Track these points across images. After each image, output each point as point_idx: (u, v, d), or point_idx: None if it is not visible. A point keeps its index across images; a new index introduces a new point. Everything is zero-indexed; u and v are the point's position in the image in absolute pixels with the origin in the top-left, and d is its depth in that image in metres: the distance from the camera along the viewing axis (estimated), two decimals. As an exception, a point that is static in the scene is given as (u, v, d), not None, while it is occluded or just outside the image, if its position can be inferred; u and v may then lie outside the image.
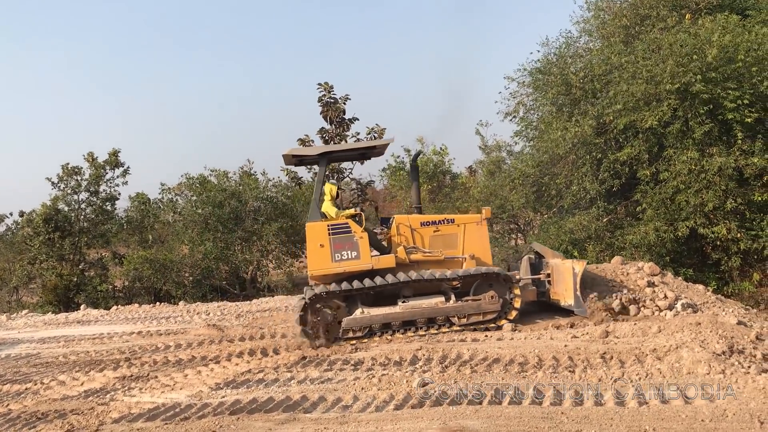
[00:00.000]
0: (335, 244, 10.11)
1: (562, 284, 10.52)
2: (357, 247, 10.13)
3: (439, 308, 10.07)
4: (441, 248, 10.56)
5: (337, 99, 22.43)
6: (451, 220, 10.81)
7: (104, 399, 7.69)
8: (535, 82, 18.26)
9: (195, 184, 21.39)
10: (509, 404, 6.08)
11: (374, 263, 10.17)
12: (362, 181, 23.61)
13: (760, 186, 14.96)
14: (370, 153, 11.92)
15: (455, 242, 10.66)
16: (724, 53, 14.55)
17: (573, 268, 10.27)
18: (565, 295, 10.42)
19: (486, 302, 10.09)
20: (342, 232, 10.17)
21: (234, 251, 20.56)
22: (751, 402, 5.66)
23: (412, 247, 10.50)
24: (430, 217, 11.07)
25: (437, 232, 10.64)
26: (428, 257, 10.49)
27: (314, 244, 10.18)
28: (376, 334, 10.02)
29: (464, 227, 10.72)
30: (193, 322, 13.84)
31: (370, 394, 6.70)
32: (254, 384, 7.66)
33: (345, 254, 10.09)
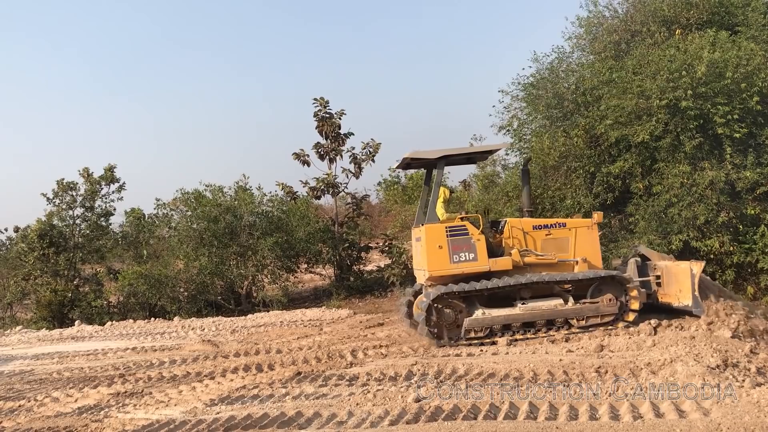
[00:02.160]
0: (453, 245, 10.42)
1: (675, 285, 10.72)
2: (474, 249, 10.44)
3: (559, 310, 10.34)
4: (553, 251, 10.87)
5: (333, 114, 22.53)
6: (562, 224, 11.14)
7: (98, 416, 7.67)
8: (528, 96, 18.38)
9: (190, 199, 21.38)
10: (504, 419, 6.09)
11: (491, 265, 10.42)
12: (357, 195, 23.67)
13: (752, 199, 15.06)
14: (478, 157, 12.48)
15: (566, 246, 10.98)
16: (713, 69, 14.69)
17: (691, 270, 10.45)
18: (679, 296, 10.61)
19: (604, 305, 10.36)
20: (460, 234, 10.48)
21: (229, 266, 20.52)
22: (746, 416, 5.68)
23: (525, 249, 10.76)
24: (542, 220, 11.40)
25: (549, 236, 10.96)
26: (541, 260, 10.78)
27: (433, 246, 10.44)
28: (497, 334, 10.24)
29: (575, 231, 11.05)
30: (188, 338, 13.83)
31: (365, 409, 6.71)
32: (249, 400, 7.65)
33: (463, 256, 10.40)
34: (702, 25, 17.34)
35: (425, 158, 11.32)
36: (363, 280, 22.05)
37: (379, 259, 24.89)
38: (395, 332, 12.30)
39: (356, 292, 21.22)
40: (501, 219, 11.57)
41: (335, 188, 22.84)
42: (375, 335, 12.22)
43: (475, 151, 11.87)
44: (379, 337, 11.88)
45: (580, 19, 19.85)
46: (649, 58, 15.84)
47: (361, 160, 22.69)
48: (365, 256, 23.49)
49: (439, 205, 11.22)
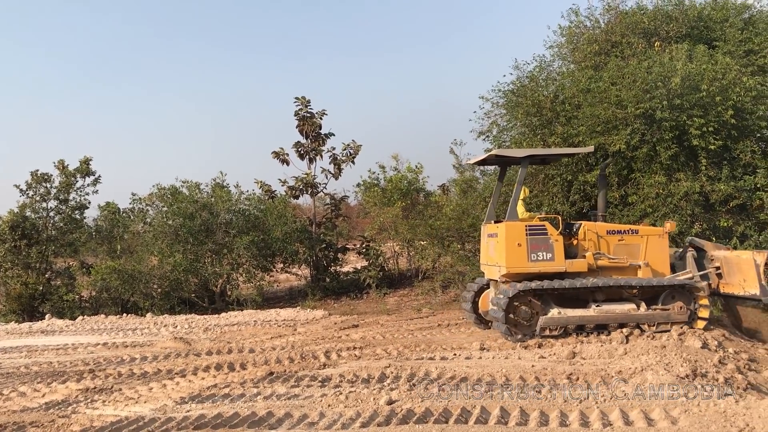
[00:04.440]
0: (532, 244, 10.62)
1: (738, 275, 11.00)
2: (552, 249, 10.66)
3: (632, 315, 10.55)
4: (625, 256, 11.08)
5: (314, 114, 22.50)
6: (635, 231, 11.39)
7: (66, 411, 7.56)
8: (508, 103, 18.49)
9: (166, 194, 21.19)
10: (475, 423, 6.10)
11: (567, 266, 10.66)
12: (336, 196, 23.64)
13: (725, 212, 15.27)
14: (553, 158, 13.06)
15: (637, 252, 11.18)
16: (688, 82, 14.89)
17: (755, 260, 10.73)
18: (744, 285, 10.89)
19: (675, 312, 10.60)
20: (539, 234, 10.69)
21: (204, 264, 20.37)
22: (712, 425, 5.75)
23: (598, 252, 10.97)
24: (616, 226, 11.66)
25: (621, 241, 11.20)
26: (614, 263, 11.01)
27: (512, 243, 10.63)
28: (571, 334, 10.44)
29: (647, 239, 11.26)
30: (160, 335, 13.70)
31: (336, 411, 6.68)
32: (220, 399, 7.59)
33: (541, 255, 10.62)
34: (681, 38, 17.59)
35: (510, 156, 11.63)
36: (339, 281, 22.01)
37: (356, 261, 24.87)
38: (369, 334, 12.30)
39: (332, 293, 21.18)
40: (575, 222, 11.77)
41: (314, 188, 22.80)
42: (349, 337, 12.20)
43: (560, 153, 12.49)
44: (353, 339, 11.87)
45: (562, 29, 20.04)
46: (625, 70, 16.03)
47: (341, 161, 22.68)
48: (342, 258, 23.46)
49: (520, 204, 11.57)
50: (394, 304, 18.67)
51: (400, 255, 23.26)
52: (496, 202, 12.58)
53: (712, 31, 18.15)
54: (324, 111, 22.60)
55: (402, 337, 11.93)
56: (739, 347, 9.99)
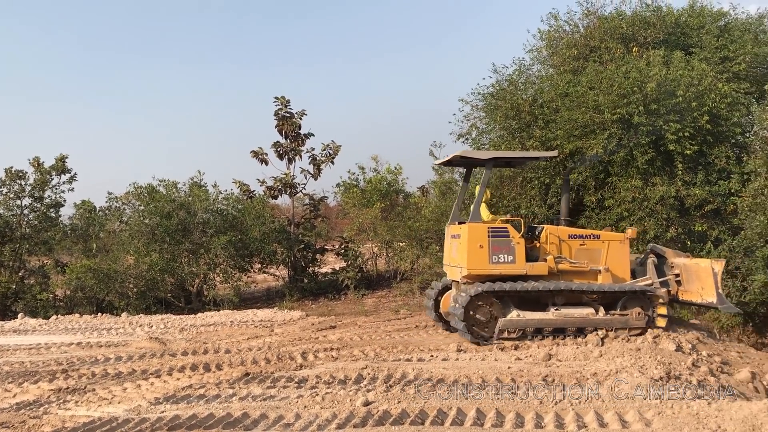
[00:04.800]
0: (494, 246, 10.62)
1: (697, 283, 11.04)
2: (513, 252, 10.66)
3: (590, 319, 10.56)
4: (586, 261, 11.09)
5: (294, 114, 22.42)
6: (597, 236, 11.39)
7: (37, 412, 7.44)
8: (488, 106, 18.58)
9: (143, 193, 20.99)
10: (451, 425, 6.11)
11: (528, 269, 10.66)
12: (315, 197, 23.57)
13: (699, 216, 15.46)
14: (521, 162, 12.88)
15: (599, 257, 11.19)
16: (664, 87, 15.07)
17: (713, 268, 10.79)
18: (702, 293, 10.95)
19: (633, 317, 10.62)
20: (501, 236, 10.68)
21: (180, 263, 20.20)
22: (685, 427, 5.81)
23: (559, 256, 10.99)
24: (578, 230, 11.69)
25: (583, 246, 11.21)
26: (575, 268, 11.02)
27: (474, 245, 10.61)
28: (528, 337, 10.43)
29: (608, 244, 11.27)
30: (135, 335, 13.56)
31: (312, 412, 6.66)
32: (195, 399, 7.52)
33: (502, 257, 10.62)
34: (658, 44, 17.79)
35: (474, 158, 11.57)
36: (317, 282, 21.95)
37: (335, 262, 24.82)
38: (347, 335, 12.27)
39: (310, 294, 21.12)
40: (538, 225, 11.81)
41: (293, 188, 22.72)
42: (327, 338, 12.16)
43: (520, 157, 12.27)
44: (330, 340, 11.83)
45: (542, 33, 20.17)
46: (603, 75, 16.18)
47: (321, 162, 22.63)
48: (320, 258, 23.40)
49: (484, 206, 11.51)
50: (372, 305, 18.66)
51: (378, 256, 23.27)
52: (460, 203, 12.61)
53: (688, 37, 18.39)
54: (304, 111, 22.56)
55: (379, 338, 11.92)
56: (712, 350, 10.12)
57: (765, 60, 18.18)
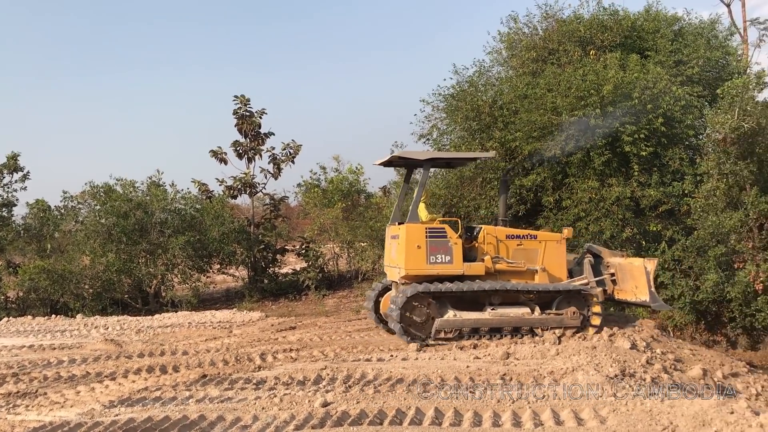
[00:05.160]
0: (431, 246, 10.56)
1: (631, 282, 11.14)
2: (451, 252, 10.62)
3: (526, 319, 10.59)
4: (523, 261, 11.10)
5: (253, 113, 22.23)
6: (534, 236, 11.43)
7: (-14, 417, 7.23)
8: (448, 107, 18.68)
9: (99, 192, 20.61)
10: (410, 425, 6.11)
11: (465, 269, 10.63)
12: (275, 196, 23.42)
13: (654, 216, 15.79)
14: (460, 162, 12.92)
15: (535, 257, 11.22)
16: (620, 90, 15.36)
17: (645, 267, 10.92)
18: (636, 292, 11.05)
19: (568, 317, 10.68)
20: (439, 236, 10.62)
21: (138, 264, 19.88)
22: (639, 424, 5.91)
23: (496, 256, 10.99)
24: (515, 230, 11.64)
25: (520, 246, 11.21)
26: (512, 267, 11.02)
27: (412, 245, 10.55)
28: (465, 337, 10.40)
29: (545, 244, 11.32)
30: (90, 337, 13.29)
31: (270, 413, 6.59)
32: (150, 402, 7.38)
33: (440, 257, 10.58)
34: (615, 47, 18.11)
35: (412, 159, 11.46)
36: (277, 282, 21.81)
37: (295, 262, 24.68)
38: (307, 336, 12.20)
39: (270, 295, 20.97)
40: (476, 225, 11.81)
41: (253, 188, 22.54)
42: (286, 339, 12.07)
43: (458, 157, 12.29)
44: (290, 341, 11.75)
45: (501, 35, 20.36)
46: (561, 77, 16.42)
47: (281, 161, 22.49)
48: (281, 259, 23.25)
49: (422, 206, 11.47)
50: (333, 305, 18.60)
51: (340, 256, 23.22)
52: (401, 204, 12.55)
53: (644, 41, 18.75)
54: (264, 110, 22.40)
55: (340, 338, 11.89)
56: (666, 348, 10.33)
57: (717, 64, 18.65)
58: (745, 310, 14.89)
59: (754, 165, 14.66)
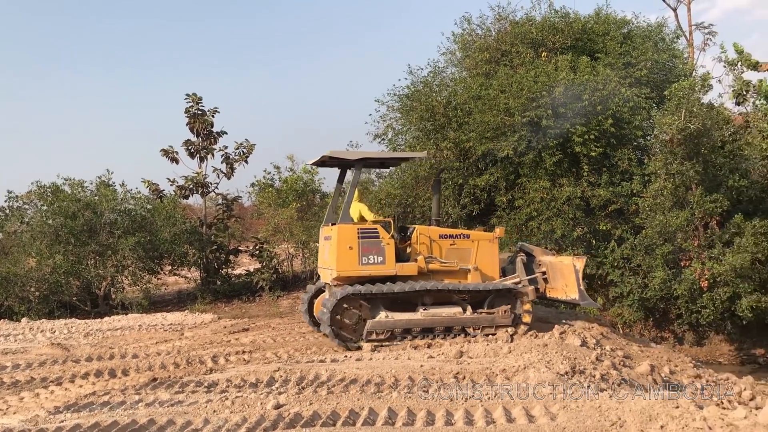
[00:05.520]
0: (363, 247, 10.41)
1: (561, 280, 11.18)
2: (384, 253, 10.48)
3: (457, 318, 10.54)
4: (456, 260, 11.00)
5: (206, 111, 21.90)
6: (467, 236, 11.35)
7: None
8: (403, 107, 18.75)
9: (46, 192, 20.05)
10: (363, 425, 6.10)
11: (398, 269, 10.51)
12: (229, 197, 23.12)
13: (604, 216, 16.10)
14: (393, 162, 12.75)
15: (468, 256, 11.14)
16: (571, 91, 15.62)
17: (574, 265, 11.01)
18: (566, 290, 11.11)
19: (499, 316, 10.64)
20: (371, 237, 10.48)
21: (86, 265, 19.40)
22: (588, 420, 6.00)
23: (430, 256, 10.88)
24: (448, 230, 11.61)
25: (453, 245, 11.12)
26: (445, 267, 10.93)
27: (343, 246, 10.38)
28: (397, 338, 10.30)
29: (478, 243, 11.26)
30: (36, 341, 12.93)
31: (222, 416, 6.50)
32: (98, 407, 7.20)
33: (372, 258, 10.44)
34: (566, 49, 18.41)
35: (344, 159, 11.33)
36: (230, 284, 21.55)
37: (249, 263, 24.43)
38: (260, 338, 12.08)
39: (223, 297, 20.71)
40: (409, 226, 11.75)
41: (205, 188, 22.21)
42: (239, 341, 11.93)
43: (391, 157, 12.19)
44: (243, 343, 11.61)
45: (455, 36, 20.51)
46: (513, 78, 16.62)
47: (234, 161, 22.21)
48: (234, 260, 22.98)
49: (366, 207, 11.47)
50: (287, 306, 18.47)
51: (294, 257, 23.07)
52: (334, 204, 12.42)
53: (594, 43, 19.11)
54: (216, 109, 22.07)
55: (293, 340, 11.79)
56: (615, 345, 10.53)
57: (664, 67, 19.12)
58: (691, 307, 15.29)
59: (700, 165, 15.06)
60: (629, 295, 15.71)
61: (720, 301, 14.69)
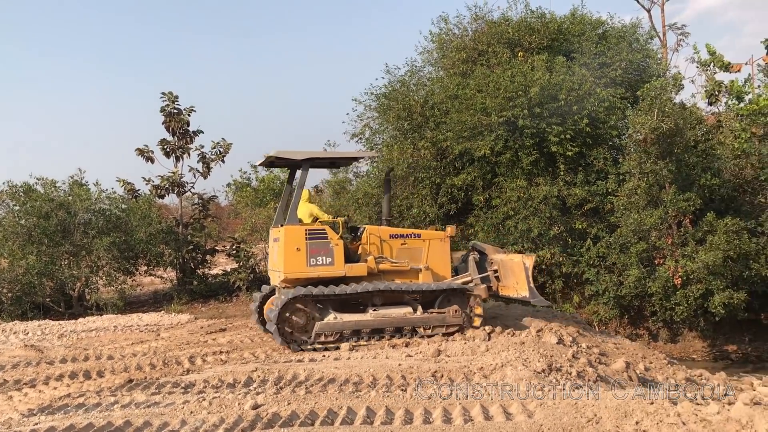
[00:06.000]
0: (311, 248, 10.27)
1: (512, 278, 11.13)
2: (332, 254, 10.35)
3: (407, 319, 10.44)
4: (407, 260, 10.91)
5: (182, 110, 21.71)
6: (417, 235, 11.24)
7: None
8: (380, 106, 18.76)
9: (18, 192, 19.76)
10: (341, 424, 6.10)
11: (347, 270, 10.39)
12: (205, 196, 22.96)
13: (580, 215, 16.25)
14: (343, 162, 12.54)
15: (420, 255, 11.05)
16: (547, 91, 15.73)
17: (524, 263, 10.96)
18: (517, 288, 11.07)
19: (450, 316, 10.56)
20: (319, 238, 10.34)
21: (60, 266, 19.14)
22: (564, 416, 6.05)
23: (380, 256, 10.79)
24: (399, 230, 11.49)
25: (404, 245, 11.02)
26: (395, 267, 10.83)
27: (291, 247, 10.23)
28: (346, 339, 10.17)
29: (429, 242, 11.17)
30: (9, 343, 12.75)
31: (199, 417, 6.46)
32: (73, 409, 7.12)
33: (320, 259, 10.30)
34: (542, 49, 18.54)
35: (290, 158, 11.17)
36: (207, 284, 21.38)
37: (226, 263, 24.27)
38: (237, 338, 12.01)
39: (200, 297, 20.55)
40: (360, 226, 11.67)
41: (181, 187, 22.01)
42: (216, 341, 11.86)
43: (341, 157, 12.04)
44: (220, 343, 11.54)
45: (433, 35, 20.57)
46: (490, 78, 16.71)
47: (210, 160, 22.04)
48: (211, 260, 22.82)
49: (317, 208, 11.33)
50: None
51: (271, 257, 22.95)
52: (283, 205, 12.09)
53: (570, 43, 19.27)
54: (192, 107, 21.87)
55: (271, 339, 11.69)
56: (591, 342, 10.64)
57: (638, 67, 19.34)
58: (665, 304, 15.49)
59: (673, 164, 15.25)
60: (605, 293, 15.87)
61: (693, 298, 14.90)
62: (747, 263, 14.93)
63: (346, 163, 12.77)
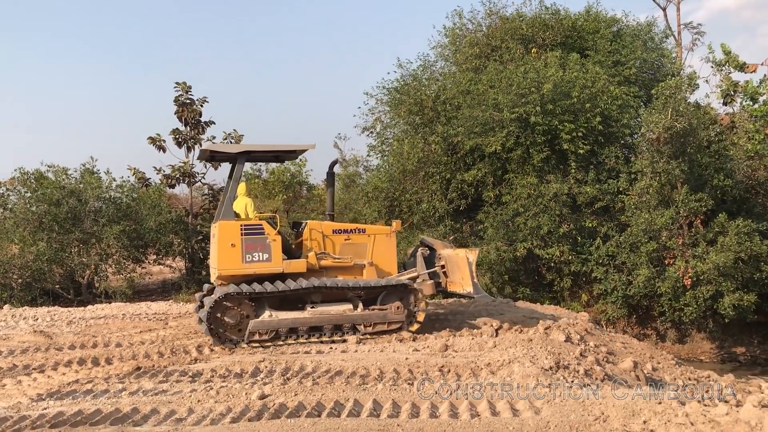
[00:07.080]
0: (247, 244, 9.98)
1: (458, 273, 10.91)
2: (269, 249, 10.05)
3: (347, 316, 10.21)
4: (351, 256, 10.68)
5: (194, 100, 21.77)
6: (362, 230, 10.99)
7: None
8: (392, 100, 18.74)
9: (30, 179, 19.87)
10: (348, 417, 6.10)
11: (285, 267, 10.10)
12: (215, 187, 23.01)
13: (590, 213, 16.18)
14: (285, 156, 12.03)
15: (364, 251, 10.81)
16: (560, 88, 15.65)
17: (467, 258, 10.71)
18: (462, 283, 10.81)
19: (392, 312, 10.35)
20: (255, 233, 10.05)
21: (70, 253, 19.25)
22: (572, 414, 6.04)
23: (322, 252, 10.53)
24: (342, 225, 11.19)
25: (348, 241, 10.76)
26: (337, 263, 10.59)
27: (225, 243, 9.96)
28: (282, 338, 9.96)
29: (374, 238, 10.91)
30: (18, 328, 12.81)
31: (206, 406, 6.48)
32: (81, 395, 7.17)
33: (256, 256, 9.99)
34: (556, 46, 18.46)
35: (226, 152, 11.00)
36: (216, 274, 21.41)
37: (235, 254, 24.27)
38: (245, 328, 12.02)
39: (208, 286, 20.58)
40: (302, 221, 11.39)
41: (191, 178, 22.08)
42: (224, 331, 11.87)
43: (280, 150, 11.29)
44: (227, 333, 11.56)
45: (446, 29, 20.51)
46: (502, 74, 16.65)
47: (221, 151, 22.06)
48: (219, 250, 22.83)
49: (251, 203, 11.00)
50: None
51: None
52: (224, 200, 11.44)
53: (584, 40, 19.18)
54: (205, 98, 21.94)
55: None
56: (599, 341, 10.60)
57: (653, 66, 19.24)
58: (674, 305, 15.41)
59: (685, 164, 15.16)
60: (613, 292, 15.81)
61: (703, 299, 14.82)
62: (758, 265, 14.84)
63: (288, 156, 12.28)
